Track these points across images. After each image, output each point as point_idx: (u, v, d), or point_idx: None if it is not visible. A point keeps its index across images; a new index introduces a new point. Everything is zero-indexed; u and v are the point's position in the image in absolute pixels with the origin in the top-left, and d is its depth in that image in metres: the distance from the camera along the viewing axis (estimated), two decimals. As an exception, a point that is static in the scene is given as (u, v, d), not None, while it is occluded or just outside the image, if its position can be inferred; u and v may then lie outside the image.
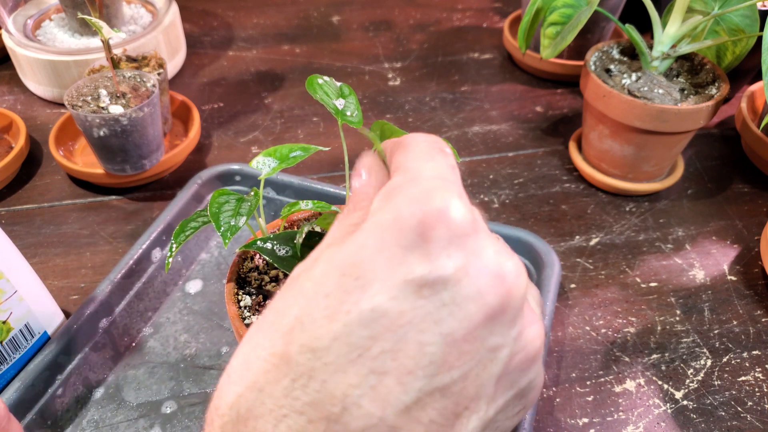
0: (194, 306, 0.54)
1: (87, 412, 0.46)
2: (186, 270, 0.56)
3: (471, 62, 0.87)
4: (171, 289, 0.55)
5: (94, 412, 0.46)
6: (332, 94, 0.41)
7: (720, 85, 0.60)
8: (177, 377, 0.48)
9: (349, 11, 0.98)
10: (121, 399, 0.47)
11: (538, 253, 0.53)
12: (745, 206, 0.65)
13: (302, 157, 0.40)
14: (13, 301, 0.43)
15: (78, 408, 0.46)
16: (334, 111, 0.40)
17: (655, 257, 0.59)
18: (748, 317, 0.54)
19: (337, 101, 0.40)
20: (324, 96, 0.40)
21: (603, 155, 0.64)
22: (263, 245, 0.34)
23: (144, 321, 0.52)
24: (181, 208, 0.56)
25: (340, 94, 0.41)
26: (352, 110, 0.40)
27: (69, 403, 0.46)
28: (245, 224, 0.36)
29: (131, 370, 0.49)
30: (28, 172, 0.67)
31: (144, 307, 0.52)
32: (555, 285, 0.50)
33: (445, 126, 0.75)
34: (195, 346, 0.50)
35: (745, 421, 0.47)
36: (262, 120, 0.75)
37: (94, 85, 0.59)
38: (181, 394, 0.47)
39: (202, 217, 0.39)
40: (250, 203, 0.36)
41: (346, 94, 0.41)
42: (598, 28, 0.79)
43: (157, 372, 0.49)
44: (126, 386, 0.48)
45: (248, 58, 0.87)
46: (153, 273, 0.53)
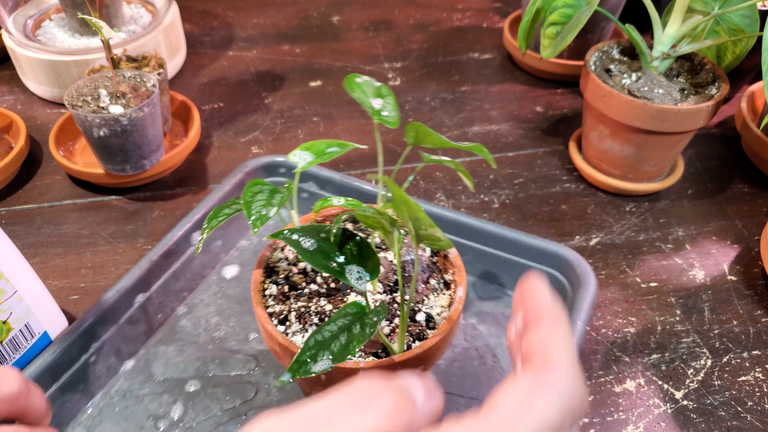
0: (228, 290, 0.55)
1: (116, 381, 0.48)
2: (225, 255, 0.58)
3: (471, 62, 0.87)
4: (208, 272, 0.56)
5: (123, 383, 0.48)
6: (370, 93, 0.41)
7: (720, 85, 0.60)
8: (204, 358, 0.50)
9: (349, 11, 0.98)
10: (149, 373, 0.49)
11: (574, 270, 0.51)
12: (745, 206, 0.65)
13: (338, 153, 0.41)
14: (13, 301, 0.43)
15: (108, 377, 0.48)
16: (371, 110, 0.40)
17: (655, 257, 0.59)
18: (748, 317, 0.54)
19: (375, 101, 0.41)
20: (360, 95, 0.41)
21: (603, 155, 0.64)
22: (290, 236, 0.35)
23: (179, 300, 0.54)
24: (224, 195, 0.57)
25: (378, 94, 0.41)
26: (390, 110, 0.41)
27: (100, 372, 0.48)
28: (277, 215, 0.37)
29: (162, 346, 0.51)
30: (28, 172, 0.67)
31: (180, 287, 0.54)
32: (588, 305, 0.48)
33: (445, 126, 0.75)
34: (224, 330, 0.52)
35: (745, 421, 0.47)
36: (262, 120, 0.75)
37: (94, 85, 0.59)
38: (206, 374, 0.49)
39: (236, 204, 0.39)
40: (283, 195, 0.37)
41: (384, 94, 0.42)
42: (598, 28, 0.79)
43: (186, 351, 0.50)
44: (155, 361, 0.50)
45: (248, 58, 0.87)
46: (191, 255, 0.55)
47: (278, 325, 0.38)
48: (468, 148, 0.37)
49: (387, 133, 0.73)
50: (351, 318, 0.32)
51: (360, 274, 0.34)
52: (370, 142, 0.72)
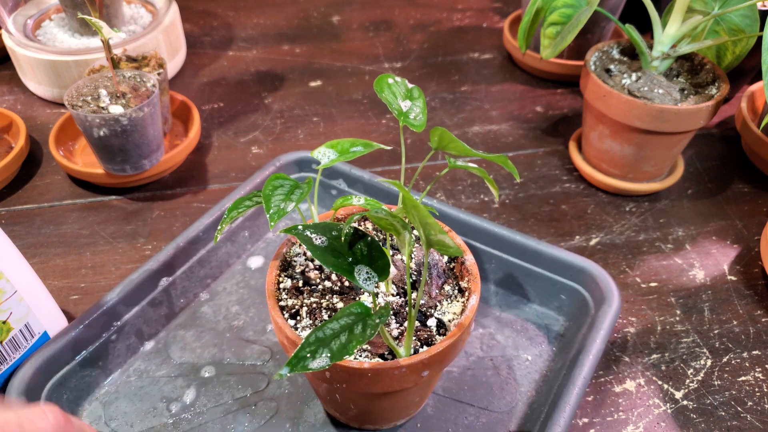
0: (252, 281, 0.56)
1: (135, 361, 0.50)
2: (251, 246, 0.59)
3: (471, 62, 0.87)
4: (233, 261, 0.57)
5: (141, 363, 0.50)
6: (399, 95, 0.41)
7: (720, 85, 0.60)
8: (221, 345, 0.51)
9: (349, 11, 0.98)
10: (167, 355, 0.50)
11: (598, 286, 0.49)
12: (745, 206, 0.65)
13: (362, 152, 0.41)
14: (13, 301, 0.43)
15: (127, 356, 0.50)
16: (398, 112, 0.40)
17: (655, 257, 0.59)
18: (748, 317, 0.54)
19: (404, 103, 0.41)
20: (390, 96, 0.41)
21: (603, 155, 0.64)
22: (302, 232, 0.35)
23: (202, 287, 0.55)
24: (253, 187, 0.58)
25: (409, 96, 0.41)
26: (417, 114, 0.41)
27: (120, 350, 0.49)
28: (298, 211, 0.38)
29: (181, 330, 0.52)
30: (28, 172, 0.67)
31: (204, 274, 0.55)
32: (609, 324, 0.47)
33: (445, 126, 0.75)
34: (243, 319, 0.53)
35: (745, 421, 0.47)
36: (262, 120, 0.75)
37: (94, 85, 0.59)
38: (221, 362, 0.50)
39: (257, 197, 0.39)
40: (303, 191, 0.37)
41: (415, 96, 0.42)
42: (598, 28, 0.79)
43: (204, 337, 0.51)
44: (173, 344, 0.51)
45: (248, 58, 0.87)
46: (219, 243, 0.56)
47: (289, 319, 0.39)
48: (492, 158, 0.37)
49: (387, 132, 0.73)
50: (354, 318, 0.32)
51: (369, 274, 0.34)
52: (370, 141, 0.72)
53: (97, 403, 0.47)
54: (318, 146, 0.70)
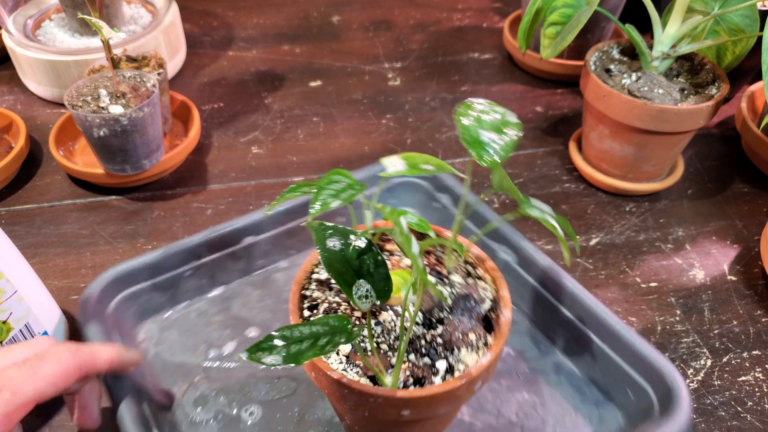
0: None
1: (199, 301, 0.54)
2: None
3: (471, 62, 0.87)
4: None
5: (203, 304, 0.53)
6: (487, 126, 0.36)
7: (720, 85, 0.60)
8: (276, 313, 0.53)
9: (349, 11, 0.98)
10: (227, 306, 0.53)
11: (669, 391, 0.42)
12: (745, 206, 0.65)
13: (430, 172, 0.37)
14: (13, 301, 0.43)
15: (194, 294, 0.54)
16: (470, 141, 0.35)
17: (655, 257, 0.59)
18: (748, 317, 0.54)
19: (488, 134, 0.36)
20: (473, 124, 0.36)
21: (603, 155, 0.64)
22: (321, 227, 0.34)
23: (284, 255, 0.57)
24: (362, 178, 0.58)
25: (497, 129, 0.36)
26: (497, 149, 0.35)
27: (190, 288, 0.53)
28: (352, 213, 0.38)
29: (249, 287, 0.55)
30: (28, 172, 0.67)
31: (290, 244, 0.56)
32: None
33: (445, 126, 0.75)
34: None
35: (745, 421, 0.47)
36: (262, 120, 0.75)
37: (94, 85, 0.59)
38: (269, 328, 0.51)
39: (314, 187, 0.38)
40: (354, 192, 0.35)
41: (505, 131, 0.36)
42: (598, 28, 0.79)
43: (266, 300, 0.54)
44: (237, 298, 0.54)
45: (248, 58, 0.87)
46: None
47: (305, 310, 0.39)
48: (551, 228, 0.33)
49: (387, 132, 0.73)
50: (327, 330, 0.31)
51: (368, 293, 0.33)
52: (369, 142, 0.72)
53: (155, 326, 0.52)
54: (318, 146, 0.71)
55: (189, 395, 0.47)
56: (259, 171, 0.68)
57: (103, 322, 0.46)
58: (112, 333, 0.47)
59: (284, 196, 0.38)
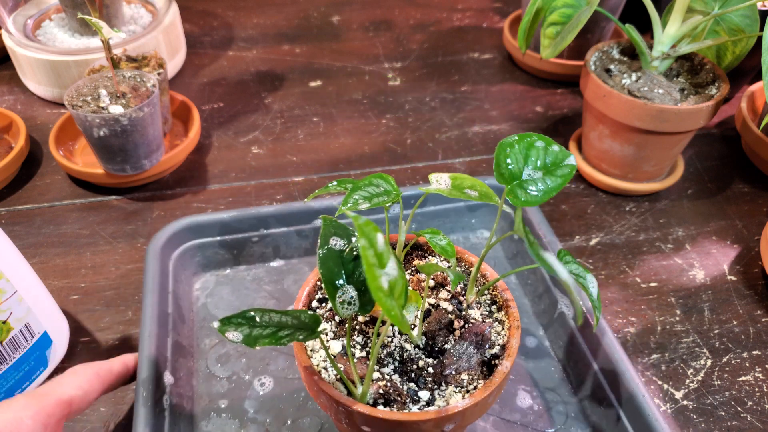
0: None
1: (258, 267, 0.57)
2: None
3: (471, 62, 0.87)
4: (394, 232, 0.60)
5: (261, 271, 0.56)
6: (533, 162, 0.34)
7: (720, 85, 0.60)
8: None
9: (349, 11, 0.98)
10: (281, 279, 0.56)
11: None
12: (745, 206, 0.65)
13: (470, 198, 0.35)
14: (13, 301, 0.43)
15: (256, 260, 0.57)
16: (506, 175, 0.33)
17: (655, 257, 0.59)
18: (748, 317, 0.54)
19: (532, 172, 0.33)
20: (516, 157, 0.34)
21: (603, 155, 0.64)
22: (329, 222, 0.34)
23: None
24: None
25: (545, 168, 0.33)
26: (539, 190, 0.33)
27: (253, 253, 0.56)
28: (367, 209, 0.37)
29: (306, 267, 0.57)
30: (28, 172, 0.67)
31: None
32: None
33: (445, 126, 0.75)
34: None
35: (745, 421, 0.47)
36: (262, 120, 0.75)
37: (94, 85, 0.59)
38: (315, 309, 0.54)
39: (351, 184, 0.38)
40: (386, 199, 0.35)
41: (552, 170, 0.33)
42: (598, 28, 0.79)
43: None
44: (292, 274, 0.56)
45: (248, 58, 0.87)
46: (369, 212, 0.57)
47: (315, 301, 0.39)
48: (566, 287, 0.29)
49: (387, 132, 0.73)
50: (294, 323, 0.31)
51: (352, 300, 0.32)
52: (369, 142, 0.72)
53: (213, 279, 0.56)
54: (318, 146, 0.71)
55: (215, 350, 0.50)
56: (259, 171, 0.68)
57: (164, 264, 0.52)
58: (171, 276, 0.52)
59: (328, 188, 0.38)
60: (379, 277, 0.26)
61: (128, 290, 0.55)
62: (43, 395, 0.37)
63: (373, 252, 0.26)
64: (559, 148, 0.34)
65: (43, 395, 0.37)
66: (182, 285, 0.53)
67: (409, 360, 0.37)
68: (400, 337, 0.38)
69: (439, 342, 0.37)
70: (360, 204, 0.34)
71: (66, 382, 0.39)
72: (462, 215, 0.60)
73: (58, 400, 0.37)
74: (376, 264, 0.26)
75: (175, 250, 0.54)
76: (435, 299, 0.40)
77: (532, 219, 0.55)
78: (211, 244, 0.55)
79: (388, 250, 0.27)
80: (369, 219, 0.26)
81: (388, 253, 0.27)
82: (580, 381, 0.48)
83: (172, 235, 0.53)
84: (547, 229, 0.54)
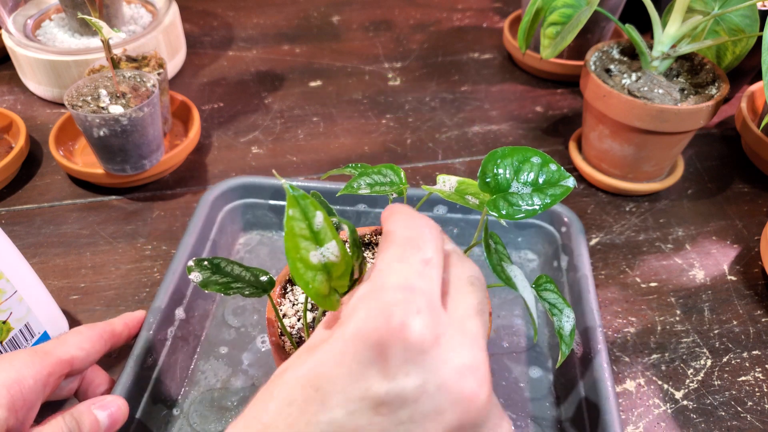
0: None
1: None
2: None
3: (471, 62, 0.87)
4: None
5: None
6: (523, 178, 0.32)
7: (720, 85, 0.60)
8: None
9: (349, 11, 0.98)
10: None
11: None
12: (745, 206, 0.65)
13: (471, 205, 0.33)
14: (13, 301, 0.43)
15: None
16: (493, 184, 0.31)
17: (655, 257, 0.59)
18: (748, 317, 0.54)
19: (519, 187, 0.31)
20: (506, 169, 0.32)
21: (603, 155, 0.64)
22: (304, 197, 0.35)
23: None
24: None
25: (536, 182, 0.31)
26: (527, 205, 0.31)
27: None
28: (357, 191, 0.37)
29: None
30: (28, 172, 0.67)
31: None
32: None
33: (445, 126, 0.75)
34: None
35: (745, 421, 0.47)
36: (262, 120, 0.75)
37: (94, 85, 0.59)
38: None
39: (359, 170, 0.38)
40: (384, 187, 0.36)
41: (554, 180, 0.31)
42: (598, 28, 0.79)
43: None
44: None
45: (248, 58, 0.87)
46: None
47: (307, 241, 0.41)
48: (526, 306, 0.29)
49: (387, 132, 0.73)
50: (250, 279, 0.34)
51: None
52: (369, 142, 0.72)
53: (257, 239, 0.59)
54: (318, 146, 0.71)
55: (235, 301, 0.54)
56: (259, 171, 0.68)
57: (213, 214, 0.55)
58: (216, 227, 0.56)
59: (342, 170, 0.40)
60: (303, 249, 0.27)
61: (128, 290, 0.55)
62: (45, 354, 0.37)
63: (305, 225, 0.27)
64: (557, 167, 0.32)
65: (45, 354, 0.37)
66: (226, 237, 0.57)
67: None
68: None
69: None
70: (362, 188, 0.35)
71: (69, 342, 0.39)
72: (508, 231, 0.58)
73: (59, 359, 0.38)
74: (306, 237, 0.27)
75: (228, 204, 0.57)
76: None
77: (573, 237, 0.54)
78: (262, 206, 0.58)
79: (331, 232, 0.28)
80: (308, 195, 0.28)
81: (329, 234, 0.28)
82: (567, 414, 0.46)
83: (227, 190, 0.57)
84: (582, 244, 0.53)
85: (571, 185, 0.32)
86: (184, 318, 0.49)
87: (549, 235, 0.56)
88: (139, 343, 0.45)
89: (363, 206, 0.59)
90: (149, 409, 0.44)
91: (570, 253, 0.53)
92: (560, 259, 0.54)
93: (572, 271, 0.51)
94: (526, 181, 0.32)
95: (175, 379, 0.47)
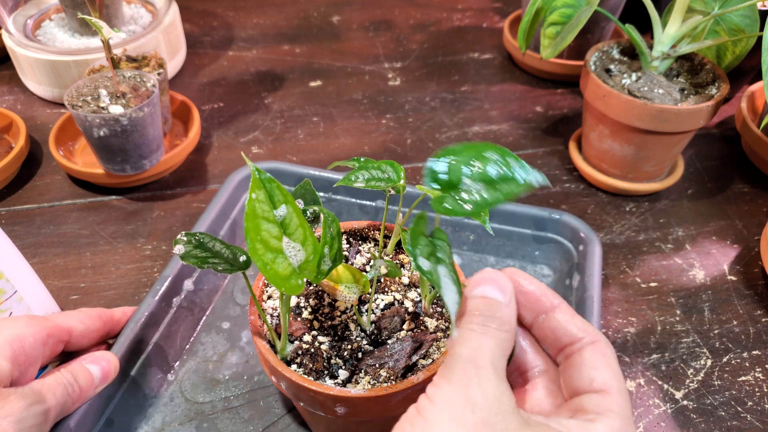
0: None
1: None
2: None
3: (471, 62, 0.87)
4: None
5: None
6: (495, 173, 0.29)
7: (720, 85, 0.60)
8: None
9: (349, 11, 0.98)
10: None
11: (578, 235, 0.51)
12: (745, 206, 0.65)
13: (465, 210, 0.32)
14: (13, 301, 0.43)
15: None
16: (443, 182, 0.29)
17: (655, 257, 0.59)
18: (748, 317, 0.54)
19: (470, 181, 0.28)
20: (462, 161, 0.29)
21: (603, 155, 0.64)
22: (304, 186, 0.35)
23: None
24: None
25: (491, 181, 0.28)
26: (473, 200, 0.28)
27: None
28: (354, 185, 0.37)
29: None
30: (28, 172, 0.67)
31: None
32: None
33: (445, 126, 0.75)
34: None
35: (745, 421, 0.47)
36: (262, 120, 0.75)
37: (94, 85, 0.59)
38: None
39: (358, 163, 0.38)
40: (380, 181, 0.36)
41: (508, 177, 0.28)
42: (598, 28, 0.79)
43: None
44: None
45: (248, 58, 0.87)
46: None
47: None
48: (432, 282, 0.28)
49: (387, 132, 0.73)
50: (228, 256, 0.34)
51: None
52: (369, 142, 0.72)
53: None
54: (318, 146, 0.71)
55: (243, 284, 0.55)
56: (259, 171, 0.68)
57: (236, 195, 0.57)
58: (239, 208, 0.57)
59: (346, 162, 0.40)
60: (264, 230, 0.28)
61: (128, 290, 0.55)
62: (44, 318, 0.40)
63: (269, 207, 0.28)
64: (517, 162, 0.29)
65: (44, 318, 0.40)
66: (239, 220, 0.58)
67: (347, 339, 0.38)
68: (351, 317, 0.39)
69: (384, 335, 0.38)
70: (358, 181, 0.35)
71: (68, 314, 0.42)
72: (526, 243, 0.57)
73: (57, 324, 0.40)
74: (269, 220, 0.28)
75: (241, 167, 0.59)
76: (402, 296, 0.40)
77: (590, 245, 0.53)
78: None
79: (301, 223, 0.29)
80: (275, 179, 0.29)
81: (298, 225, 0.29)
82: None
83: (248, 176, 0.57)
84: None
85: (533, 181, 0.28)
86: (192, 290, 0.51)
87: (567, 252, 0.55)
88: (142, 306, 0.47)
89: (380, 202, 0.60)
90: (144, 371, 0.47)
91: (582, 272, 0.51)
92: (572, 277, 0.53)
93: (581, 290, 0.50)
94: (476, 177, 0.29)
95: (174, 347, 0.50)
